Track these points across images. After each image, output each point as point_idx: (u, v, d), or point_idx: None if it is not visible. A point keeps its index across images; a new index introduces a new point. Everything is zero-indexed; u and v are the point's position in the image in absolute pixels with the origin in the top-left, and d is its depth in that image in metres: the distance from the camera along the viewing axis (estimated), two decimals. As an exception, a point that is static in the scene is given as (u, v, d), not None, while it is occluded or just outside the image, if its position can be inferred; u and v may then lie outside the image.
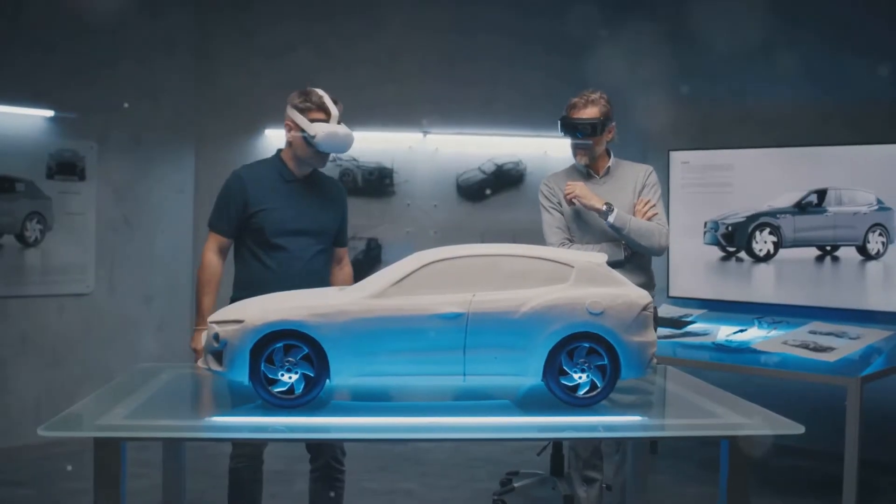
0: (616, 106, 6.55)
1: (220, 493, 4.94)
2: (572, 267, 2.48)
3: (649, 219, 3.82)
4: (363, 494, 3.79)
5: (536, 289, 2.42)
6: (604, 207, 3.73)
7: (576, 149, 3.92)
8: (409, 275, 2.42)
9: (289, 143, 3.58)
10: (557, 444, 4.96)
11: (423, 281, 2.41)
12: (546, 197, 3.97)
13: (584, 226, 3.86)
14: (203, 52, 6.46)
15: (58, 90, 5.68)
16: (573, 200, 3.83)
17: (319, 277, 3.53)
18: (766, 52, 6.18)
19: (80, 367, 5.81)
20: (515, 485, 4.92)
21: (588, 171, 3.96)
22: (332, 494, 3.72)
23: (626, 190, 3.91)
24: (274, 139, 6.48)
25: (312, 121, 3.45)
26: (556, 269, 2.47)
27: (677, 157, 6.14)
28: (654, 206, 3.87)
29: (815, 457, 5.57)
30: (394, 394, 2.61)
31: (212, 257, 3.59)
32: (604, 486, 4.06)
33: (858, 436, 4.31)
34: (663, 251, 3.77)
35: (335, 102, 3.51)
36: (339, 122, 3.48)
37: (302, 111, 3.48)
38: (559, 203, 3.92)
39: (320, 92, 3.50)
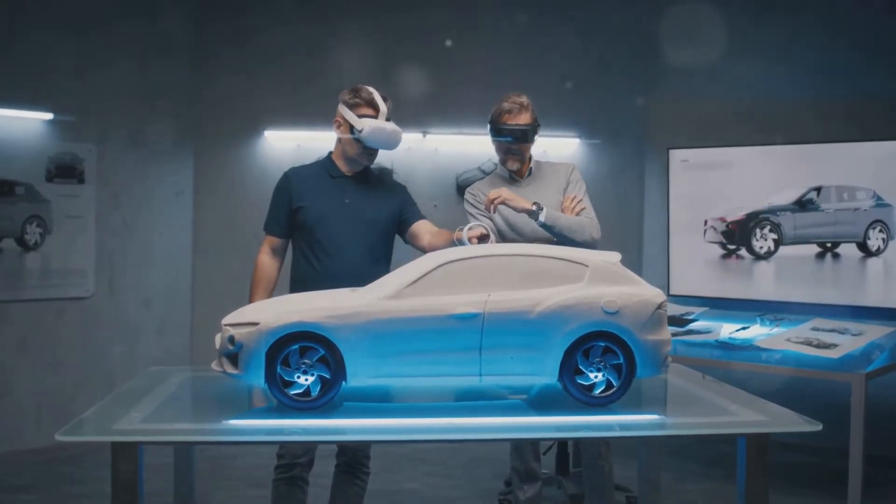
0: (615, 105, 6.64)
1: (224, 494, 4.95)
2: (587, 266, 2.48)
3: (578, 214, 3.81)
4: (367, 495, 3.77)
5: (551, 288, 2.42)
6: (533, 207, 3.68)
7: (506, 154, 3.89)
8: (424, 275, 2.42)
9: (339, 141, 3.59)
10: (563, 444, 4.96)
11: (438, 281, 2.41)
12: (472, 205, 3.94)
13: (513, 230, 3.83)
14: (201, 54, 6.44)
15: (56, 93, 5.65)
16: (501, 205, 3.69)
17: (372, 276, 2.84)
18: (764, 49, 6.19)
19: (81, 370, 5.79)
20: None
21: (511, 175, 3.95)
22: (354, 489, 3.71)
23: (550, 189, 3.89)
24: (273, 140, 6.47)
25: (360, 116, 3.46)
26: (571, 269, 2.48)
27: (676, 156, 6.15)
28: (580, 201, 3.86)
29: (820, 453, 5.59)
30: (405, 394, 2.61)
31: (263, 258, 3.61)
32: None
33: (863, 431, 4.32)
34: (596, 244, 3.74)
35: (385, 99, 3.51)
36: (388, 119, 3.49)
37: (351, 107, 3.49)
38: (487, 208, 3.89)
39: (370, 88, 3.51)
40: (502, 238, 3.84)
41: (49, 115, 5.62)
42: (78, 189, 5.79)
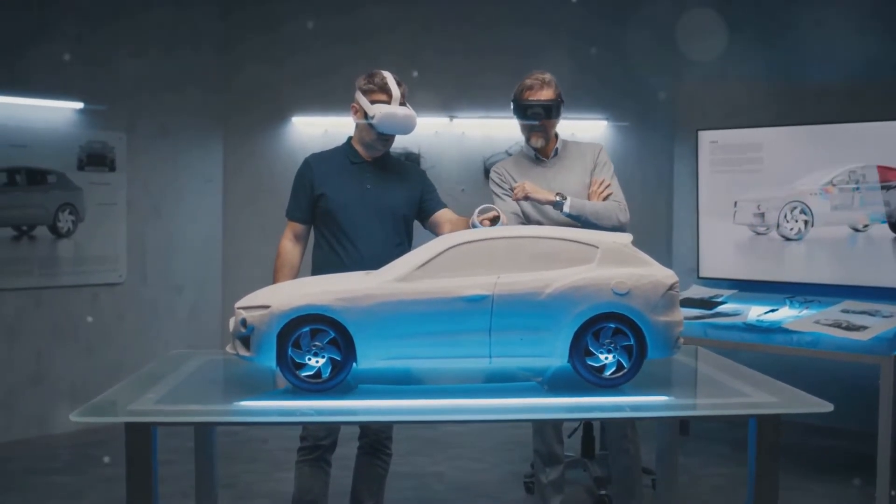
0: (643, 87, 6.58)
1: (252, 477, 5.02)
2: (597, 247, 2.48)
3: (605, 198, 3.75)
4: (393, 477, 3.81)
5: (561, 270, 2.42)
6: (556, 198, 3.64)
7: (530, 132, 3.84)
8: (434, 258, 2.43)
9: (357, 127, 3.61)
10: (588, 427, 4.96)
11: (448, 264, 2.42)
12: (498, 184, 3.90)
13: (540, 211, 3.78)
14: (229, 42, 6.49)
15: (86, 82, 5.74)
16: (525, 198, 3.68)
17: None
18: (794, 30, 6.10)
19: (114, 355, 5.88)
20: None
21: (537, 155, 3.91)
22: (377, 470, 3.75)
23: (575, 170, 3.84)
24: (301, 127, 6.51)
25: (374, 102, 3.47)
26: (581, 250, 2.47)
27: (706, 137, 6.09)
28: (608, 185, 3.80)
29: (847, 436, 5.52)
30: (420, 376, 2.63)
31: (285, 244, 3.64)
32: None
33: (892, 414, 4.27)
34: (625, 227, 3.69)
35: (399, 84, 3.50)
36: (402, 104, 3.49)
37: (365, 93, 3.50)
38: (511, 189, 3.83)
39: (385, 73, 3.51)
40: (529, 222, 3.82)
41: (80, 105, 5.71)
42: (109, 177, 5.88)
